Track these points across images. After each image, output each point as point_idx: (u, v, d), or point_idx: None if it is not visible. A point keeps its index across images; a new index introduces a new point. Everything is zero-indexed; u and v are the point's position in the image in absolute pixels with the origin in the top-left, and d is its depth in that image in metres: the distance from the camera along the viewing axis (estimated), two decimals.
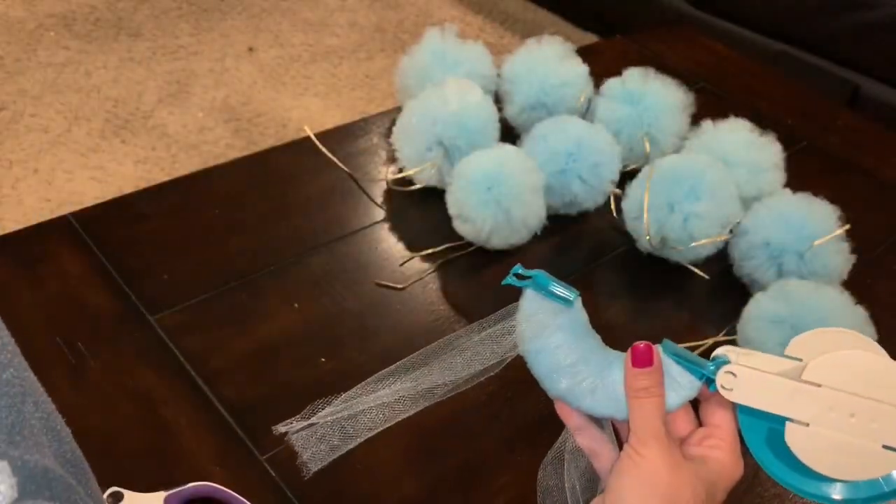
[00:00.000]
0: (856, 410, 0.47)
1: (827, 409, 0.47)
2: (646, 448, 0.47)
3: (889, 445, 0.46)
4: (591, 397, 0.50)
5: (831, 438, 0.47)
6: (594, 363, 0.51)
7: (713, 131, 0.97)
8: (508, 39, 2.18)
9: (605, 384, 0.50)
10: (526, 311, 0.52)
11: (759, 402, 0.48)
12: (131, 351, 0.73)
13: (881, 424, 0.46)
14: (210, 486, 0.62)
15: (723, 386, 0.48)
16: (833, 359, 0.47)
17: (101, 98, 1.76)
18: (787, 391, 0.48)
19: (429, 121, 0.92)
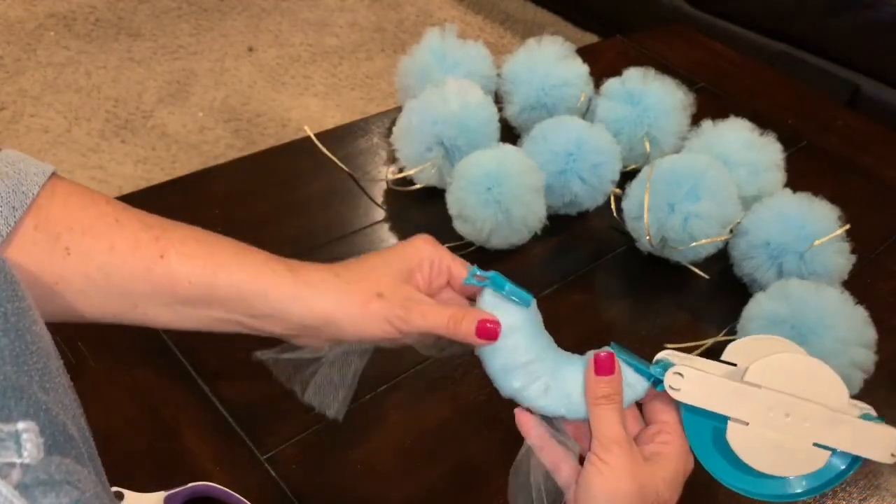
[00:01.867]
0: (791, 410, 0.50)
1: (766, 409, 0.51)
2: (609, 454, 0.48)
3: (819, 443, 0.50)
4: (544, 397, 0.52)
5: (769, 437, 0.51)
6: (548, 363, 0.52)
7: (713, 131, 0.97)
8: (508, 39, 2.18)
9: (557, 384, 0.52)
10: (484, 304, 0.53)
11: (704, 402, 0.51)
12: (131, 350, 0.73)
13: (812, 423, 0.50)
14: (210, 486, 0.62)
15: (671, 386, 0.51)
16: (773, 362, 0.51)
17: (101, 98, 1.76)
18: (730, 392, 0.51)
19: (429, 121, 0.92)
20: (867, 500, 0.70)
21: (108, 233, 0.46)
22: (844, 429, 0.50)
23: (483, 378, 0.75)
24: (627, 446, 0.49)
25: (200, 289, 0.48)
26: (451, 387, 0.74)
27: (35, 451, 0.30)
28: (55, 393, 0.34)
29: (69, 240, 0.45)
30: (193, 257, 0.48)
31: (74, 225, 0.46)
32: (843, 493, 0.70)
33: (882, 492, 0.71)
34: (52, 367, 0.35)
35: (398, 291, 0.51)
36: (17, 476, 0.29)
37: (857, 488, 0.71)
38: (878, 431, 0.50)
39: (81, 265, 0.46)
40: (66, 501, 0.30)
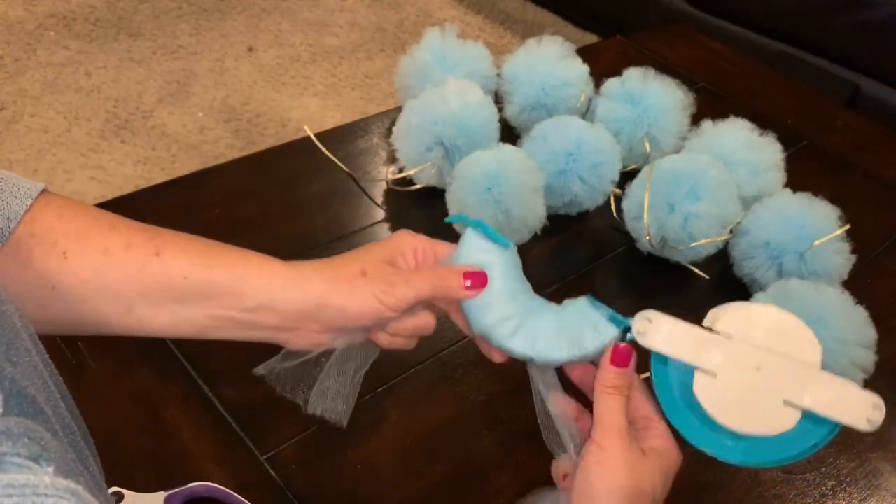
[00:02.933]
0: (762, 364, 0.48)
1: (734, 361, 0.48)
2: (609, 442, 0.48)
3: (790, 401, 0.47)
4: (513, 338, 0.52)
5: (737, 390, 0.48)
6: (522, 306, 0.53)
7: (713, 131, 0.97)
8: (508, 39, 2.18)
9: (528, 326, 0.52)
10: (465, 249, 0.54)
11: (672, 349, 0.50)
12: (131, 351, 0.73)
13: (784, 380, 0.47)
14: (210, 486, 0.62)
15: (638, 331, 0.50)
16: (745, 313, 0.49)
17: (101, 98, 1.76)
18: (699, 340, 0.49)
19: (429, 121, 0.92)
20: (867, 500, 0.70)
21: (103, 237, 0.47)
22: (818, 389, 0.47)
23: (483, 378, 0.75)
24: (627, 436, 0.49)
25: (196, 283, 0.48)
26: (451, 387, 0.74)
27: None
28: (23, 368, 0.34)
29: (66, 245, 0.46)
30: (189, 253, 0.49)
31: (70, 231, 0.47)
32: (843, 493, 0.70)
33: (882, 492, 0.71)
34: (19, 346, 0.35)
35: (381, 270, 0.53)
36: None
37: (857, 488, 0.71)
38: (854, 393, 0.47)
39: (77, 268, 0.46)
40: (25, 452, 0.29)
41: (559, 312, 0.54)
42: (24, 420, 0.31)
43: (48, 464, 0.30)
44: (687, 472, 0.70)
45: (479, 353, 0.77)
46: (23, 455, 0.29)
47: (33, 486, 0.28)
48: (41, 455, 0.30)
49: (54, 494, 0.28)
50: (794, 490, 0.70)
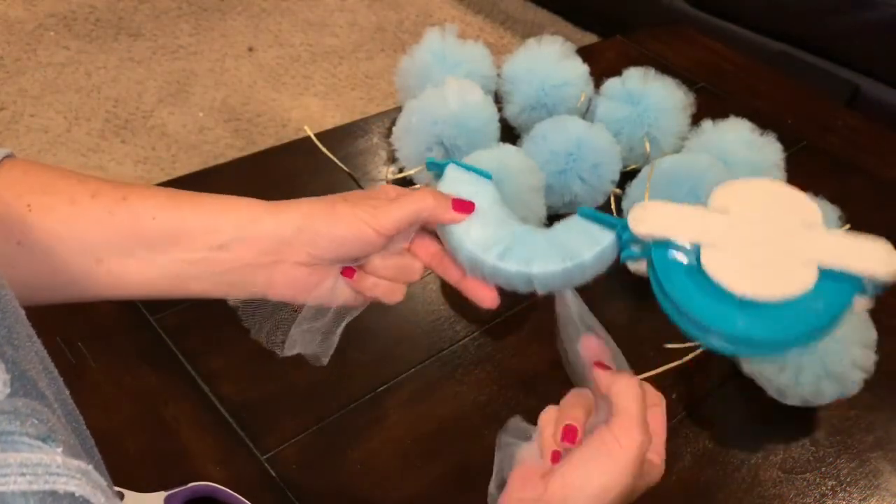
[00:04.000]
0: (766, 230, 0.46)
1: (738, 232, 0.46)
2: (629, 439, 0.45)
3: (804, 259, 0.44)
4: (505, 257, 0.50)
5: (747, 259, 0.45)
6: (511, 228, 0.51)
7: (713, 131, 0.97)
8: (508, 39, 2.18)
9: (520, 246, 0.50)
10: (446, 182, 0.53)
11: (671, 232, 0.46)
12: (131, 351, 0.73)
13: (793, 242, 0.45)
14: (210, 486, 0.62)
15: (635, 218, 0.47)
16: (738, 186, 0.47)
17: (101, 98, 1.76)
18: (698, 218, 0.47)
19: (429, 121, 0.92)
20: (867, 500, 0.70)
21: (69, 188, 0.46)
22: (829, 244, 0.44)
23: (483, 378, 0.75)
24: (646, 436, 0.45)
25: (165, 223, 0.47)
26: (451, 387, 0.74)
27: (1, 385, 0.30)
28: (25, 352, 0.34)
29: (31, 199, 0.45)
30: (157, 196, 0.47)
31: (36, 186, 0.45)
32: (843, 493, 0.70)
33: (882, 492, 0.71)
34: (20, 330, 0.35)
35: (363, 198, 0.50)
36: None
37: (857, 488, 0.71)
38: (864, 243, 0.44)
39: (43, 220, 0.45)
40: (33, 431, 0.29)
41: (551, 231, 0.52)
42: (30, 401, 0.31)
43: (56, 444, 0.30)
44: (687, 469, 0.70)
45: (479, 354, 0.77)
46: (31, 435, 0.29)
47: (45, 465, 0.28)
48: (49, 436, 0.30)
49: (66, 474, 0.28)
50: (794, 490, 0.70)
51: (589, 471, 0.45)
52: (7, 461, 0.27)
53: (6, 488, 0.27)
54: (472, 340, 0.78)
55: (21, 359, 0.33)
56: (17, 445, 0.28)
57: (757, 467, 0.71)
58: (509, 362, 0.77)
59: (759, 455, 0.72)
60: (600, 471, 0.45)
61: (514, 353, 0.78)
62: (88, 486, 0.29)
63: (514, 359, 0.77)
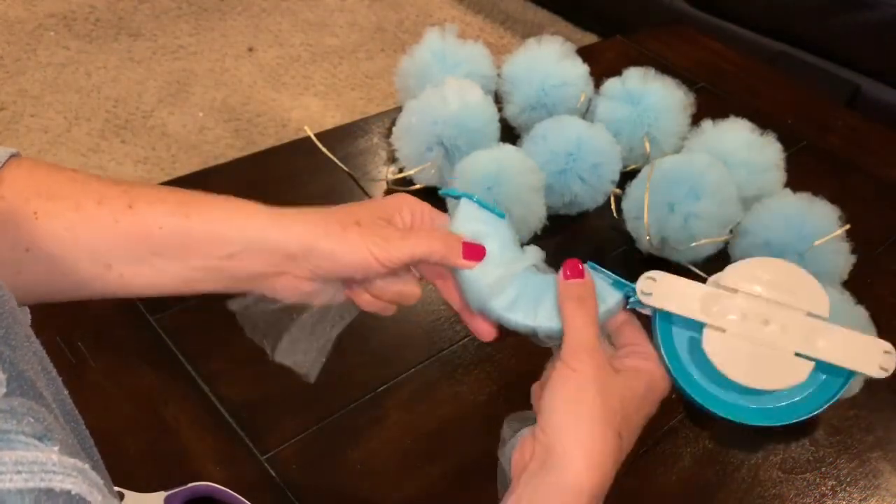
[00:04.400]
0: (770, 317, 0.47)
1: (743, 315, 0.47)
2: (578, 362, 0.46)
3: (801, 353, 0.46)
4: (513, 309, 0.50)
5: (747, 345, 0.46)
6: (520, 276, 0.51)
7: (713, 131, 0.97)
8: (508, 39, 2.18)
9: (528, 294, 0.50)
10: (460, 219, 0.53)
11: (677, 306, 0.48)
12: (131, 351, 0.73)
13: (793, 332, 0.46)
14: (210, 486, 0.62)
15: (643, 291, 0.49)
16: (749, 266, 0.48)
17: (101, 98, 1.76)
18: (704, 296, 0.48)
19: (429, 121, 0.92)
20: (867, 500, 0.70)
21: (74, 193, 0.46)
22: (828, 339, 0.46)
23: (483, 378, 0.75)
24: (598, 355, 0.46)
25: (174, 233, 0.47)
26: (451, 387, 0.74)
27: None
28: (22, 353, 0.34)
29: (37, 205, 0.45)
30: (164, 202, 0.47)
31: (42, 190, 0.45)
32: (843, 493, 0.70)
33: (882, 492, 0.71)
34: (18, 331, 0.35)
35: (377, 224, 0.50)
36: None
37: (857, 488, 0.71)
38: (864, 341, 0.46)
39: (50, 228, 0.45)
40: (29, 430, 0.29)
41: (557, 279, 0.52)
42: (27, 401, 0.31)
43: (53, 443, 0.30)
44: (687, 469, 0.70)
45: (479, 354, 0.77)
46: (27, 433, 0.29)
47: (41, 463, 0.28)
48: (45, 434, 0.30)
49: (62, 472, 0.28)
50: (794, 490, 0.70)
51: (556, 404, 0.46)
52: (2, 459, 0.27)
53: (2, 486, 0.27)
54: (472, 340, 0.78)
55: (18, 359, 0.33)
56: (12, 444, 0.28)
57: (757, 467, 0.71)
58: (509, 362, 0.77)
59: (759, 455, 0.72)
60: (563, 397, 0.46)
61: (514, 353, 0.78)
62: (85, 485, 0.29)
63: (514, 359, 0.77)
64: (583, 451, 0.44)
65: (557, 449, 0.45)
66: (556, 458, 0.45)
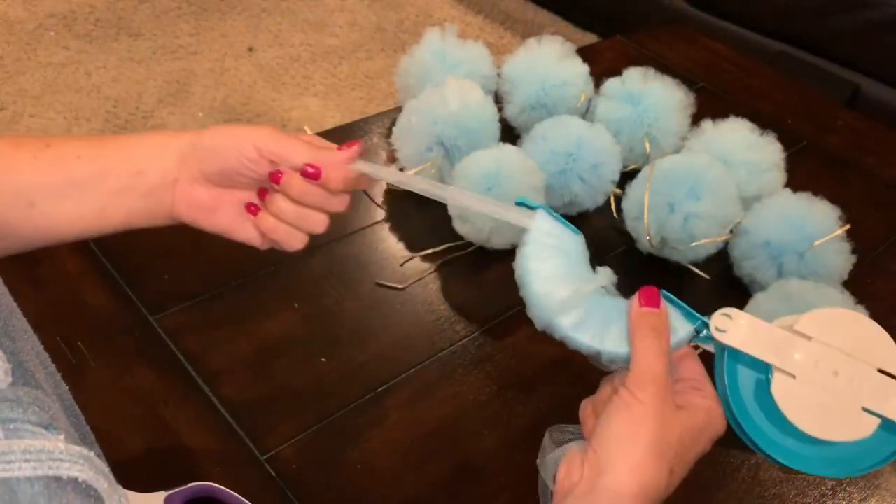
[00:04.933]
0: (840, 368, 0.47)
1: (813, 363, 0.47)
2: (643, 392, 0.46)
3: (868, 408, 0.46)
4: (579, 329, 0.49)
5: (815, 393, 0.47)
6: (589, 295, 0.50)
7: (713, 131, 0.97)
8: (508, 39, 2.18)
9: (595, 316, 0.49)
10: (535, 229, 0.52)
11: (750, 347, 0.48)
12: (131, 351, 0.73)
13: (862, 386, 0.46)
14: (210, 486, 0.62)
15: (717, 328, 0.48)
16: (827, 315, 0.48)
17: (101, 98, 1.76)
18: (779, 339, 0.48)
19: (429, 121, 0.92)
20: (867, 500, 0.70)
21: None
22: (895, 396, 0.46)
23: (483, 378, 0.75)
24: (665, 388, 0.46)
25: (91, 162, 0.50)
26: (451, 387, 0.74)
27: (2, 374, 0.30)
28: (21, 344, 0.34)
29: None
30: (80, 139, 0.51)
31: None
32: (843, 493, 0.70)
33: (882, 492, 0.71)
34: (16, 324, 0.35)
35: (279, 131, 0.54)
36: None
37: (857, 488, 0.71)
38: None
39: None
40: (35, 419, 0.30)
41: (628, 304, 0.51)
42: (31, 390, 0.31)
43: (58, 432, 0.30)
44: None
45: (479, 354, 0.77)
46: (34, 422, 0.30)
47: (49, 451, 0.29)
48: (51, 424, 0.30)
49: (69, 459, 0.29)
50: (794, 490, 0.70)
51: (612, 429, 0.45)
52: (11, 448, 0.28)
53: (11, 474, 0.27)
54: (472, 340, 0.78)
55: (19, 350, 0.33)
56: (20, 433, 0.29)
57: (757, 467, 0.71)
58: (509, 362, 0.77)
59: (760, 455, 0.72)
60: (622, 424, 0.45)
61: (514, 353, 0.78)
62: (91, 472, 0.29)
63: (514, 359, 0.77)
64: (635, 482, 0.44)
65: (609, 475, 0.45)
66: (607, 483, 0.45)
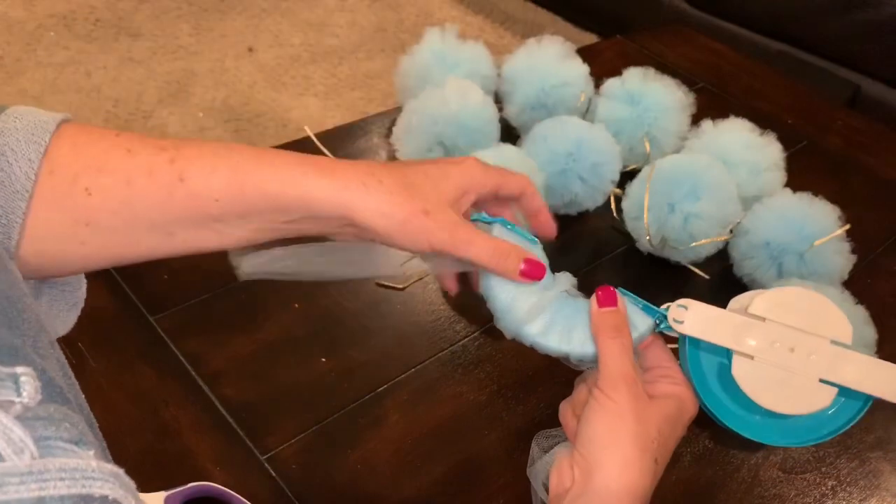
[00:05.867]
0: (795, 344, 0.49)
1: (770, 343, 0.49)
2: (615, 391, 0.48)
3: (826, 380, 0.49)
4: (547, 334, 0.51)
5: (774, 372, 0.49)
6: (553, 300, 0.52)
7: (713, 131, 0.97)
8: (508, 39, 2.18)
9: (561, 320, 0.51)
10: None
11: (709, 335, 0.50)
12: (131, 351, 0.73)
13: (818, 358, 0.49)
14: (210, 486, 0.62)
15: (674, 319, 0.51)
16: (777, 295, 0.50)
17: (101, 98, 1.76)
18: (734, 324, 0.50)
19: (429, 121, 0.92)
20: (867, 500, 0.70)
21: (122, 166, 0.45)
22: (851, 365, 0.49)
23: (483, 378, 0.75)
24: (634, 384, 0.48)
25: (230, 205, 0.46)
26: (451, 387, 0.74)
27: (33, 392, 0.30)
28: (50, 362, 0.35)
29: (87, 180, 0.44)
30: (215, 171, 0.45)
31: (89, 163, 0.44)
32: (843, 493, 0.70)
33: (882, 492, 0.71)
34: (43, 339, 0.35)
35: (444, 214, 0.48)
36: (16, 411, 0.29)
37: (857, 488, 0.71)
38: (885, 368, 0.49)
39: (104, 204, 0.44)
40: (67, 436, 0.30)
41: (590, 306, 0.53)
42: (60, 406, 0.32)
43: (88, 447, 0.31)
44: (687, 469, 0.70)
45: (479, 354, 0.77)
46: (65, 439, 0.30)
47: (82, 469, 0.29)
48: (80, 439, 0.31)
49: (100, 478, 0.29)
50: (794, 490, 0.70)
51: (594, 432, 0.47)
52: (47, 467, 0.28)
53: (46, 493, 0.28)
54: (472, 340, 0.78)
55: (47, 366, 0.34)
56: (53, 450, 0.29)
57: (757, 467, 0.71)
58: (509, 362, 0.77)
59: (759, 455, 0.72)
60: (602, 425, 0.47)
61: (514, 353, 0.78)
62: (121, 490, 0.30)
63: (514, 359, 0.77)
64: (625, 480, 0.46)
65: (599, 475, 0.47)
66: (598, 483, 0.46)
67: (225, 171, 0.45)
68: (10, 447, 0.28)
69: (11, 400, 0.30)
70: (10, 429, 0.28)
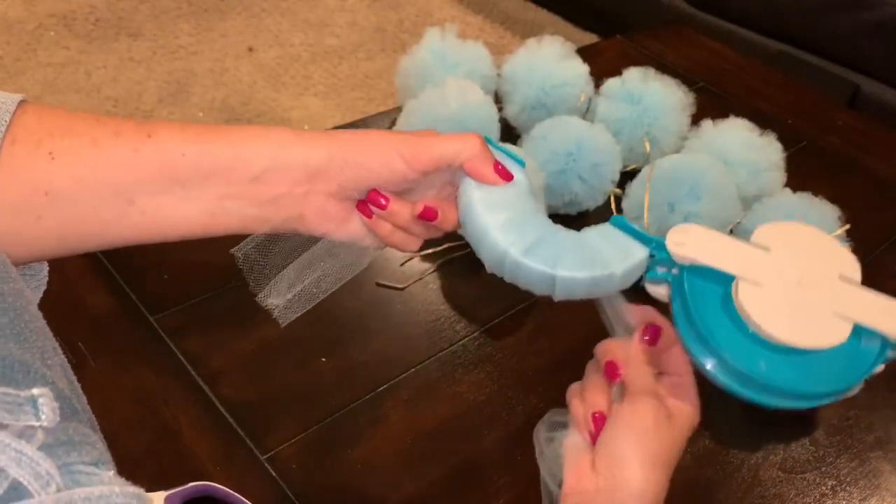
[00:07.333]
0: (804, 276, 0.45)
1: (777, 272, 0.45)
2: (641, 404, 0.49)
3: (840, 314, 0.44)
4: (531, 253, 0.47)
5: (783, 301, 0.44)
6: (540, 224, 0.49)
7: (713, 131, 0.97)
8: (508, 39, 2.18)
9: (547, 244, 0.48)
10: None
11: (711, 258, 0.46)
12: (131, 351, 0.73)
13: (829, 293, 0.45)
14: (210, 486, 0.62)
15: (675, 242, 0.47)
16: (782, 227, 0.47)
17: (101, 98, 1.76)
18: (738, 250, 0.46)
19: (429, 121, 0.92)
20: (867, 500, 0.70)
21: (89, 130, 0.44)
22: (865, 302, 0.44)
23: (483, 378, 0.75)
24: (658, 400, 0.49)
25: (197, 159, 0.45)
26: (451, 387, 0.74)
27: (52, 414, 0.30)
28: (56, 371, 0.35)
29: (51, 145, 0.43)
30: (184, 131, 0.45)
31: (54, 130, 0.43)
32: (843, 493, 0.70)
33: (882, 492, 0.71)
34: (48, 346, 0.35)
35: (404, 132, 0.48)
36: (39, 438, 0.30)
37: (857, 488, 0.71)
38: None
39: (68, 166, 0.43)
40: (89, 459, 0.30)
41: (580, 235, 0.49)
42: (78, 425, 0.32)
43: (107, 467, 0.31)
44: (687, 469, 0.70)
45: (479, 354, 0.77)
46: (87, 462, 0.30)
47: (107, 497, 0.30)
48: (100, 459, 0.31)
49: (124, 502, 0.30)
50: (794, 490, 0.70)
51: (618, 439, 0.49)
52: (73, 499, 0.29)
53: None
54: (472, 340, 0.78)
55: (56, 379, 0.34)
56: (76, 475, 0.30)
57: (757, 467, 0.71)
58: (509, 362, 0.77)
59: (759, 455, 0.72)
60: (627, 436, 0.48)
61: (514, 353, 0.78)
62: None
63: (514, 359, 0.77)
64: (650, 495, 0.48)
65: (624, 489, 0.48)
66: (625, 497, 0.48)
67: (194, 129, 0.45)
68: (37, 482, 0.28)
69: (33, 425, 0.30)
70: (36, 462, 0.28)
